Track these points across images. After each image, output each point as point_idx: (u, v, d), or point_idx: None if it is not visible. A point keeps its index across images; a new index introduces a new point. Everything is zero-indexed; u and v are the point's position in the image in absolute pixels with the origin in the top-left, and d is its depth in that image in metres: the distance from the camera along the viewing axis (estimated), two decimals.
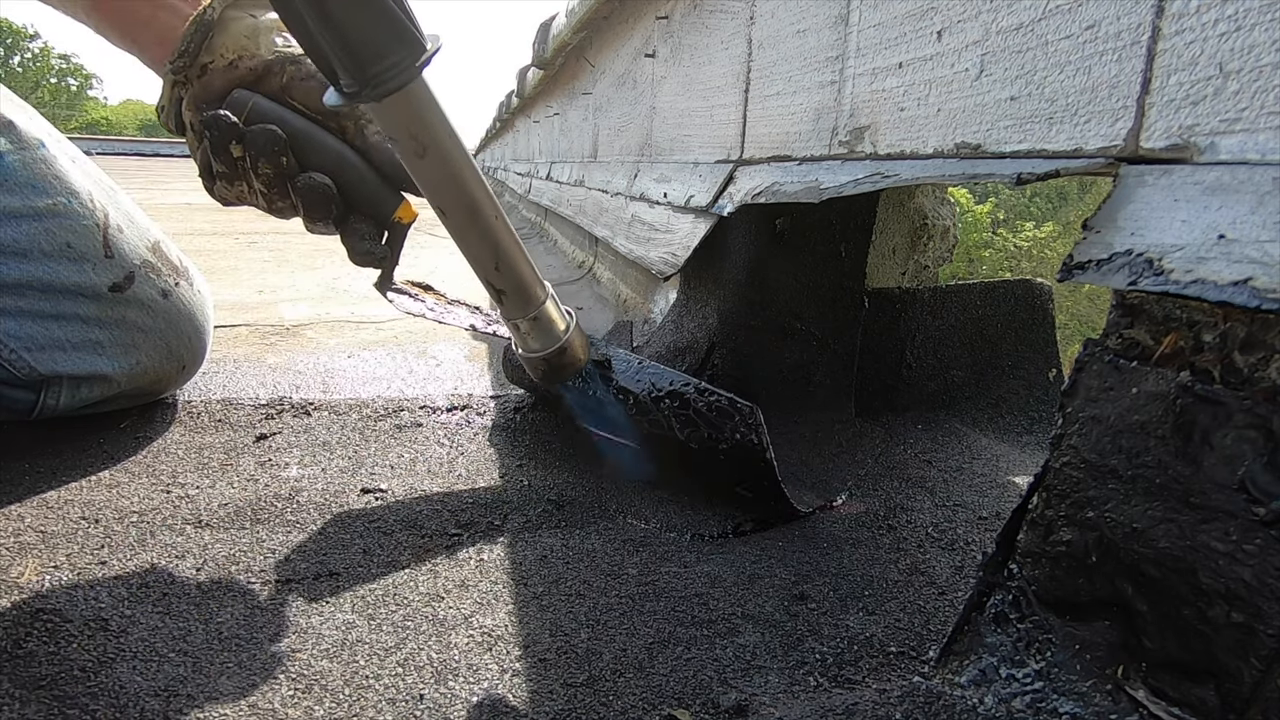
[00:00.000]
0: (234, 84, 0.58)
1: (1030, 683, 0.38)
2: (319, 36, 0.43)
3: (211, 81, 0.58)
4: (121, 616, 0.48)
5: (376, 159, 0.61)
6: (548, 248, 2.62)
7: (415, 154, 0.47)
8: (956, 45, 0.52)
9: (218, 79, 0.58)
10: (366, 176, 0.60)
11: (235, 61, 0.58)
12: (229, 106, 0.57)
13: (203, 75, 0.58)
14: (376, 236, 0.62)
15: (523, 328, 0.58)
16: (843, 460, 0.79)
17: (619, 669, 0.45)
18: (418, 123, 0.46)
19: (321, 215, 0.59)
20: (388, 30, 0.42)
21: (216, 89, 0.58)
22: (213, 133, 0.56)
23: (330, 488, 0.67)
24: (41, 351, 0.68)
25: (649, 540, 0.62)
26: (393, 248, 0.64)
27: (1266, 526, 0.30)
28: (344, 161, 0.59)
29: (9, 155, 0.67)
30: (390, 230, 0.63)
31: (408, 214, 0.63)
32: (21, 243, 0.67)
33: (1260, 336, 0.32)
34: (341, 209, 0.60)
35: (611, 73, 1.67)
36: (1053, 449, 0.40)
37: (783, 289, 0.89)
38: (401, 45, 0.43)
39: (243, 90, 0.58)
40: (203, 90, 0.58)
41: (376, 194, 0.61)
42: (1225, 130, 0.34)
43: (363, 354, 1.11)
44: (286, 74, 0.58)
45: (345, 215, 0.61)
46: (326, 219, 0.59)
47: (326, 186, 0.57)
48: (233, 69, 0.58)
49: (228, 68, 0.58)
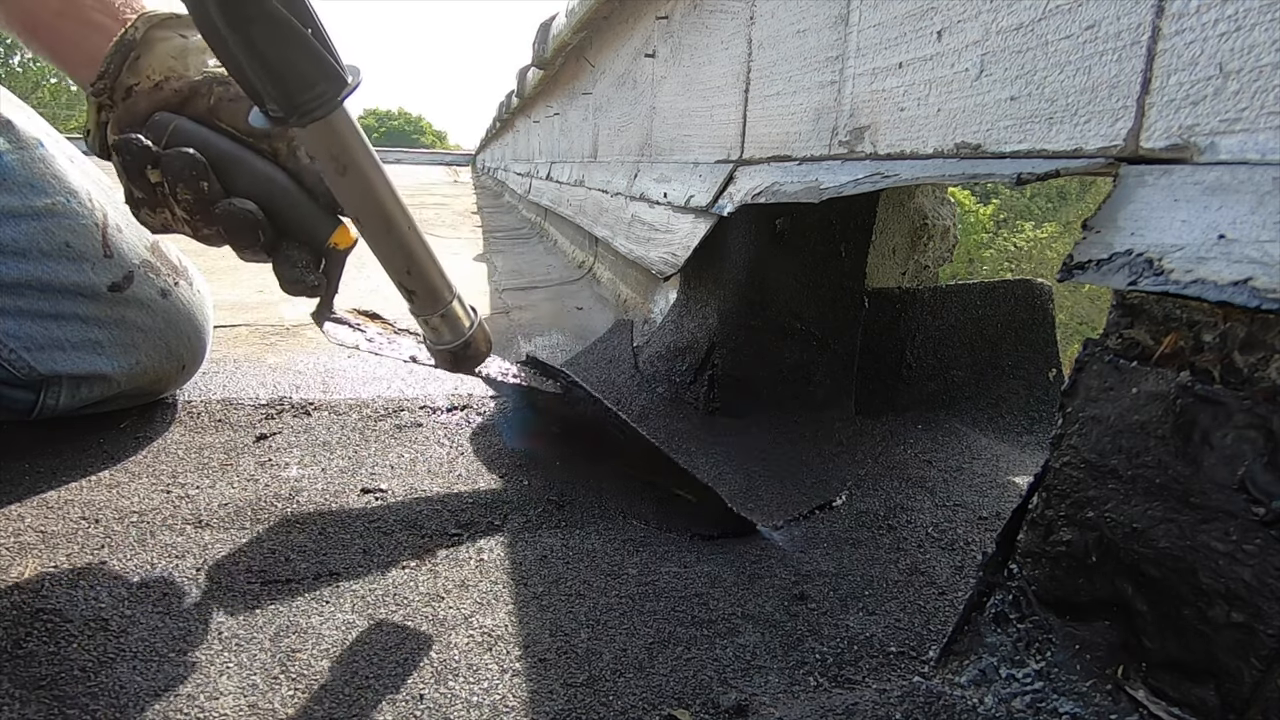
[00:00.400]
0: (158, 106, 0.55)
1: (1030, 683, 0.38)
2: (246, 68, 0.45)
3: (136, 104, 0.55)
4: (121, 616, 0.48)
5: (310, 182, 0.58)
6: (548, 248, 2.62)
7: (337, 173, 0.51)
8: (956, 45, 0.52)
9: (142, 101, 0.55)
10: (299, 200, 0.58)
11: (161, 83, 0.55)
12: (149, 130, 0.55)
13: (127, 97, 0.55)
14: (311, 264, 0.60)
15: (432, 323, 0.62)
16: (843, 460, 0.79)
17: (619, 669, 0.45)
18: (339, 145, 0.50)
19: (248, 243, 0.57)
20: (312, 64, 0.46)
21: (140, 111, 0.55)
22: (124, 157, 0.54)
23: (330, 488, 0.67)
24: (41, 351, 0.68)
25: (649, 540, 0.62)
26: (329, 275, 0.62)
27: (1266, 526, 0.30)
28: (274, 185, 0.57)
29: (8, 155, 0.67)
30: (327, 257, 0.61)
31: (344, 239, 0.61)
32: (20, 242, 0.67)
33: (1260, 336, 0.32)
34: (271, 235, 0.58)
35: (611, 73, 1.67)
36: (1053, 449, 0.40)
37: (783, 289, 0.89)
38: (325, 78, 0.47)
39: (166, 113, 0.55)
40: (126, 113, 0.55)
41: (310, 218, 0.59)
42: (1225, 130, 0.34)
43: (363, 354, 1.11)
44: (214, 95, 0.56)
45: (276, 242, 0.58)
46: (254, 246, 0.57)
47: (249, 213, 0.55)
48: (158, 90, 0.55)
49: (153, 89, 0.55)
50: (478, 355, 0.65)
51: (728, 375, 0.88)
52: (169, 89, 0.56)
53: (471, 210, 4.24)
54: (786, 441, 0.82)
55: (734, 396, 0.88)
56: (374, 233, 0.55)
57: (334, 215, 0.60)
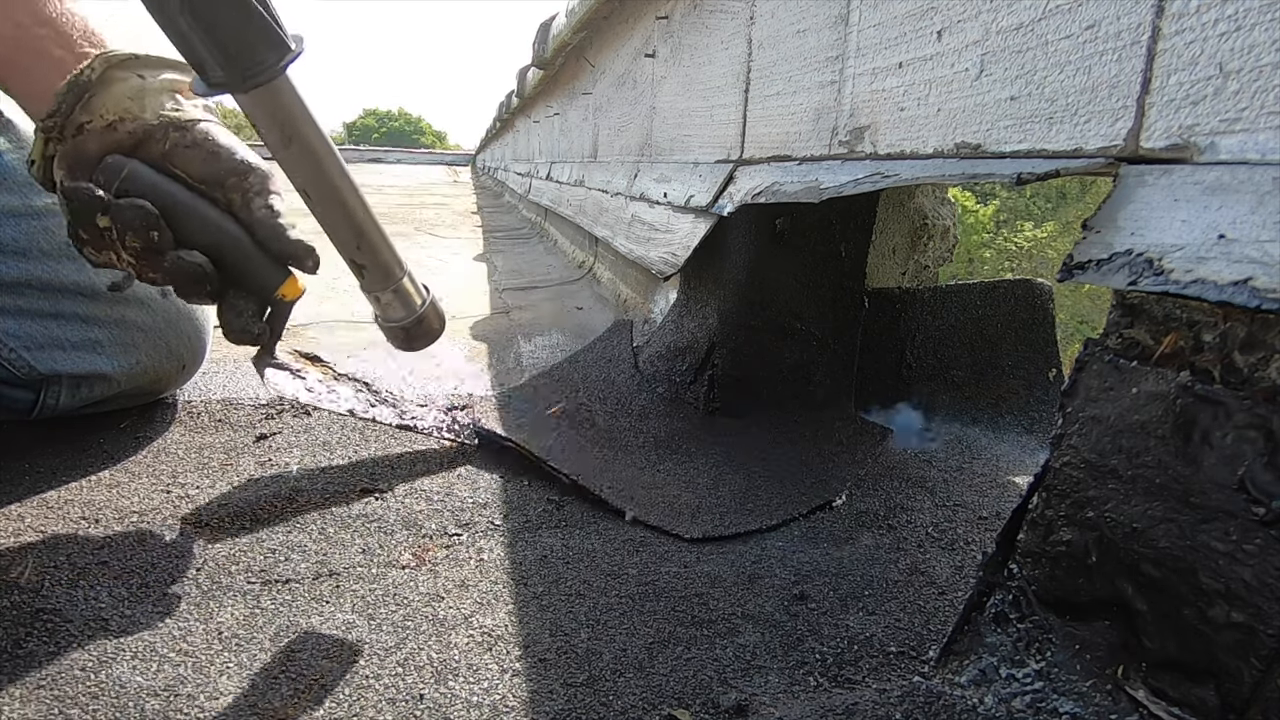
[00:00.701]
0: (110, 148, 0.54)
1: (1030, 683, 0.38)
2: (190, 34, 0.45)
3: (86, 143, 0.54)
4: (121, 616, 0.48)
5: (262, 234, 0.57)
6: (548, 248, 2.62)
7: (282, 143, 0.52)
8: (956, 45, 0.52)
9: (92, 141, 0.54)
10: (250, 253, 0.58)
11: (115, 124, 0.54)
12: (102, 172, 0.54)
13: (78, 134, 0.54)
14: (257, 314, 0.60)
15: (383, 299, 0.63)
16: (842, 460, 0.79)
17: (619, 669, 0.45)
18: (283, 114, 0.51)
19: (193, 294, 0.57)
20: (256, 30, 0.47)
21: (91, 152, 0.54)
22: (73, 203, 0.53)
23: (330, 488, 0.67)
24: (41, 350, 0.68)
25: (649, 540, 0.62)
26: (274, 325, 0.62)
27: (1266, 526, 0.30)
28: (225, 236, 0.57)
29: (8, 154, 0.67)
30: (273, 306, 0.61)
31: (292, 290, 0.61)
32: (20, 241, 0.67)
33: (1260, 336, 0.32)
34: (218, 286, 0.57)
35: (611, 73, 1.67)
36: (1053, 449, 0.40)
37: (783, 289, 0.89)
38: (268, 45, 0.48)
39: (119, 156, 0.54)
40: (74, 150, 0.54)
41: (259, 270, 0.58)
42: (1225, 130, 0.34)
43: (362, 354, 1.11)
44: (170, 140, 0.55)
45: (223, 290, 0.58)
46: (200, 296, 0.57)
47: (197, 267, 0.55)
48: (111, 131, 0.54)
49: (105, 129, 0.54)
50: (430, 332, 0.66)
51: (728, 375, 0.88)
52: (123, 130, 0.54)
53: (471, 210, 4.24)
54: (786, 441, 0.82)
55: (734, 396, 0.88)
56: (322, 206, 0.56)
57: (284, 267, 0.59)
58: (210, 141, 0.56)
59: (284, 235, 0.58)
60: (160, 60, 0.57)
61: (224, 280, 0.58)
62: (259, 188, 0.57)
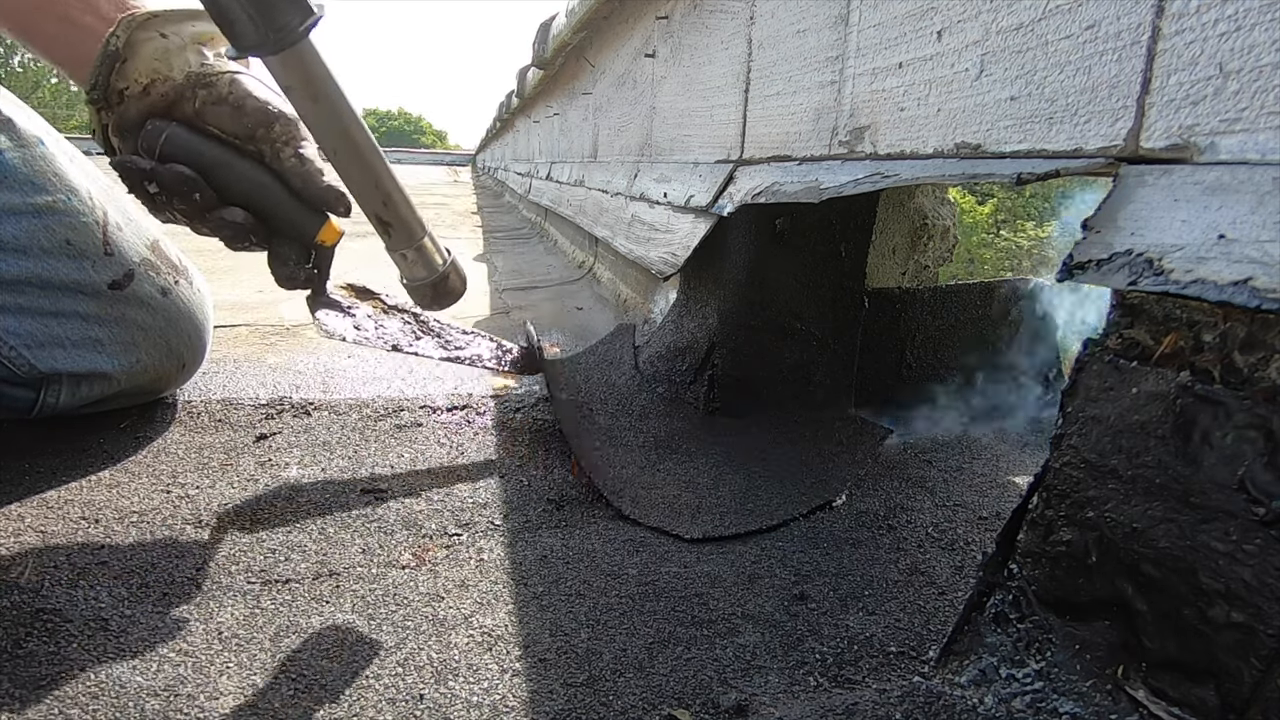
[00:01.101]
0: (148, 111, 0.58)
1: (1030, 683, 0.38)
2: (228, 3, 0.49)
3: (127, 110, 0.58)
4: (121, 616, 0.48)
5: (294, 183, 0.61)
6: (548, 248, 2.62)
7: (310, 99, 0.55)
8: (956, 45, 0.52)
9: (132, 107, 0.58)
10: (285, 201, 0.61)
11: (148, 87, 0.58)
12: (144, 140, 0.58)
13: (120, 102, 0.58)
14: (302, 259, 0.65)
15: (409, 257, 0.65)
16: (842, 460, 0.79)
17: (619, 669, 0.45)
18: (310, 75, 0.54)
19: (241, 245, 0.62)
20: None
21: (132, 117, 0.58)
22: (123, 175, 0.58)
23: (330, 488, 0.67)
24: (41, 349, 0.68)
25: (649, 540, 0.62)
26: (319, 268, 0.67)
27: (1266, 526, 0.30)
28: (262, 188, 0.61)
29: (8, 152, 0.67)
30: (316, 251, 0.65)
31: (331, 235, 0.64)
32: (21, 239, 0.67)
33: (1260, 336, 0.32)
34: (263, 235, 0.62)
35: (611, 73, 1.67)
36: (1053, 449, 0.40)
37: (783, 289, 0.89)
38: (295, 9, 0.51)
39: (158, 120, 0.58)
40: (120, 118, 0.58)
41: (296, 217, 0.62)
42: (1225, 130, 0.34)
43: (362, 354, 1.11)
44: (199, 99, 0.58)
45: (269, 240, 0.63)
46: (248, 247, 0.62)
47: (238, 224, 0.59)
48: (146, 95, 0.58)
49: (141, 94, 0.58)
50: (453, 291, 0.69)
51: (728, 375, 0.88)
52: (156, 93, 0.58)
53: (471, 210, 4.24)
54: (786, 441, 0.82)
55: (734, 396, 0.88)
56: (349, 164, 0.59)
57: (320, 213, 0.63)
58: (235, 95, 0.59)
59: (314, 181, 0.61)
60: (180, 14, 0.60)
61: (267, 230, 0.62)
62: (286, 137, 0.60)
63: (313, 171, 0.62)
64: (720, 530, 0.63)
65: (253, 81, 0.61)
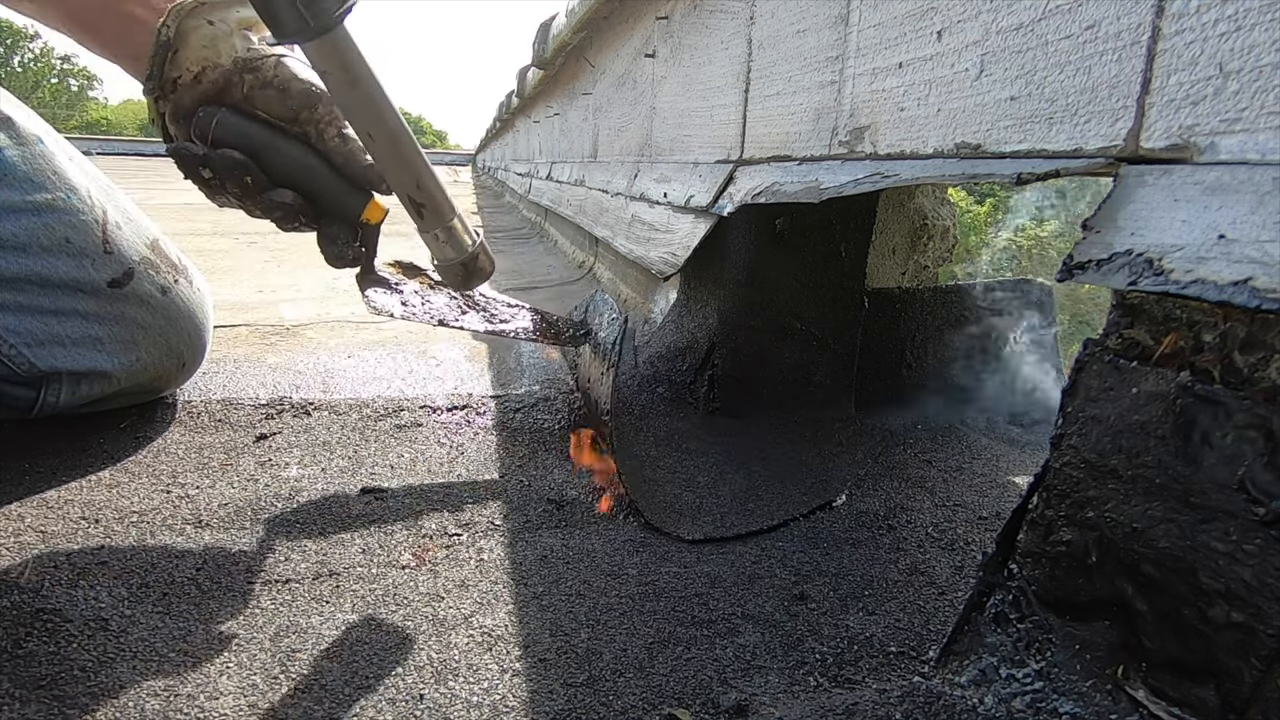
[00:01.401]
0: (201, 99, 0.61)
1: (1030, 683, 0.38)
2: None
3: (181, 98, 0.61)
4: (121, 616, 0.48)
5: (338, 162, 0.63)
6: (548, 248, 2.62)
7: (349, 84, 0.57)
8: (956, 45, 0.52)
9: (186, 95, 0.61)
10: (330, 181, 0.64)
11: (199, 75, 0.60)
12: (197, 126, 0.61)
13: (174, 91, 0.61)
14: (350, 238, 0.67)
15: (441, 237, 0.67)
16: (842, 460, 0.79)
17: (619, 669, 0.45)
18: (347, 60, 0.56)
19: (291, 225, 0.64)
20: None
21: (186, 104, 0.61)
22: (179, 161, 0.61)
23: (330, 488, 0.67)
24: (41, 347, 0.68)
25: (649, 540, 0.62)
26: (367, 246, 0.69)
27: (1266, 526, 0.30)
28: (308, 169, 0.63)
29: (8, 150, 0.67)
30: (362, 229, 0.67)
31: (376, 214, 0.67)
32: (21, 237, 0.67)
33: (1260, 336, 0.32)
34: (311, 215, 0.64)
35: (611, 73, 1.67)
36: (1053, 449, 0.40)
37: (783, 289, 0.89)
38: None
39: (209, 106, 0.61)
40: (175, 107, 0.61)
41: (341, 197, 0.65)
42: (1225, 130, 0.34)
43: (363, 354, 1.11)
44: (246, 84, 0.61)
45: (317, 220, 0.65)
46: (299, 227, 0.64)
47: (287, 205, 0.62)
48: (197, 83, 0.60)
49: (193, 82, 0.60)
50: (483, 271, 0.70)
51: (728, 375, 0.88)
52: (207, 81, 0.60)
53: (472, 210, 4.24)
54: (786, 441, 0.82)
55: (734, 396, 0.88)
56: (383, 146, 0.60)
57: (365, 192, 0.66)
58: (280, 78, 0.62)
59: (357, 159, 0.64)
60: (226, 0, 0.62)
61: (315, 210, 0.64)
62: (329, 118, 0.63)
63: (355, 150, 0.64)
64: (720, 531, 0.63)
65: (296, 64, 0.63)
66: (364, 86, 0.58)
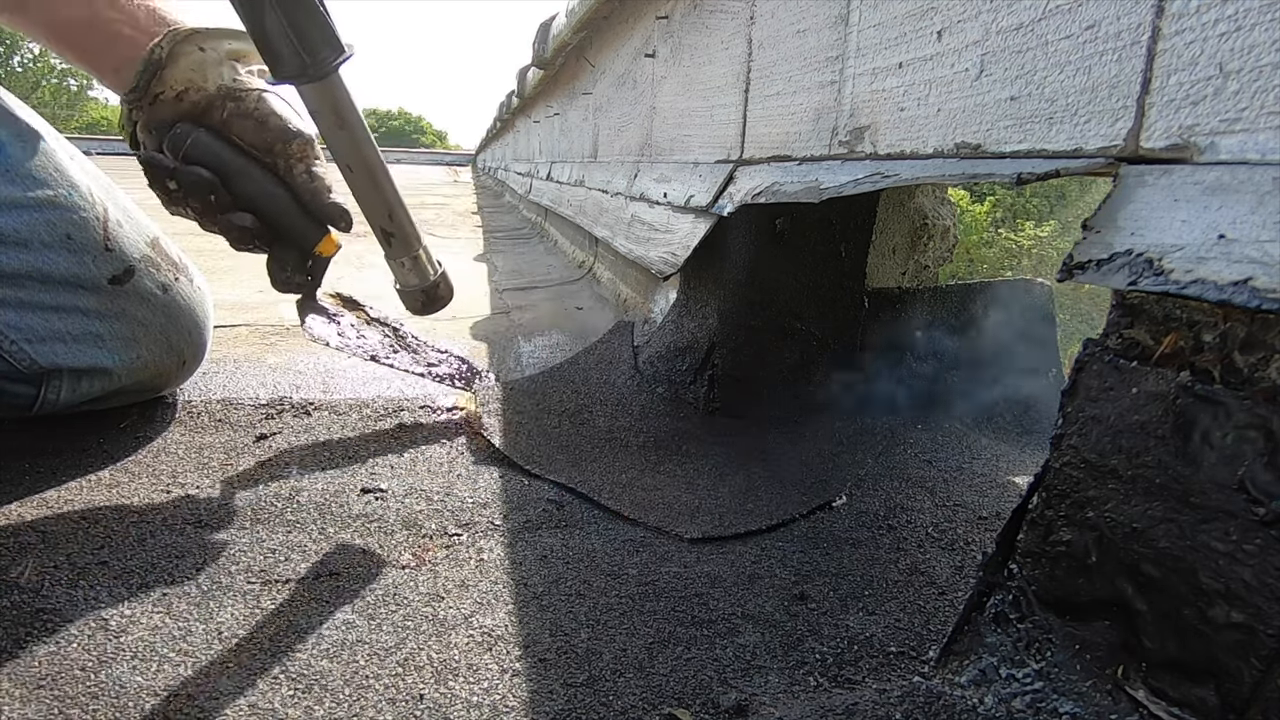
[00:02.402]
0: (180, 115, 0.64)
1: (1030, 683, 0.38)
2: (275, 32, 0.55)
3: (160, 111, 0.63)
4: (121, 616, 0.48)
5: (304, 197, 0.67)
6: (548, 248, 2.62)
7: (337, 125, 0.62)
8: (956, 45, 0.52)
9: (165, 110, 0.63)
10: (292, 212, 0.67)
11: (182, 94, 0.63)
12: (171, 140, 0.63)
13: (153, 104, 0.63)
14: (299, 266, 0.71)
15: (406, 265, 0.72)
16: (842, 460, 0.79)
17: (619, 669, 0.45)
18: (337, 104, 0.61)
19: (244, 247, 0.67)
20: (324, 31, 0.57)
21: (164, 118, 0.63)
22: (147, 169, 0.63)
23: (330, 488, 0.67)
24: (41, 344, 0.68)
25: (649, 540, 0.62)
26: (314, 276, 0.73)
27: (1266, 526, 0.30)
28: (273, 197, 0.66)
29: (9, 146, 0.67)
30: (313, 261, 0.72)
31: (329, 247, 0.71)
32: (22, 233, 0.67)
33: (1260, 336, 0.32)
34: (266, 239, 0.67)
35: (611, 73, 1.67)
36: (1053, 449, 0.40)
37: (783, 289, 0.89)
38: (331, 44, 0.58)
39: (186, 124, 0.63)
40: (151, 118, 0.64)
41: (300, 228, 0.68)
42: (1225, 130, 0.34)
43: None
44: (227, 110, 0.64)
45: (271, 244, 0.68)
46: (251, 249, 0.68)
47: (244, 228, 0.65)
48: (179, 101, 0.63)
49: (175, 99, 0.63)
50: (442, 298, 0.76)
51: (728, 375, 0.88)
52: (188, 100, 0.63)
53: (472, 210, 4.24)
54: (786, 441, 0.82)
55: (734, 396, 0.88)
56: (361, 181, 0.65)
57: (322, 226, 0.69)
58: (260, 111, 0.65)
59: (321, 198, 0.67)
60: (220, 31, 0.66)
61: (271, 235, 0.67)
62: (300, 154, 0.66)
63: (321, 188, 0.67)
64: (720, 531, 0.63)
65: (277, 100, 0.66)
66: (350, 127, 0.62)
